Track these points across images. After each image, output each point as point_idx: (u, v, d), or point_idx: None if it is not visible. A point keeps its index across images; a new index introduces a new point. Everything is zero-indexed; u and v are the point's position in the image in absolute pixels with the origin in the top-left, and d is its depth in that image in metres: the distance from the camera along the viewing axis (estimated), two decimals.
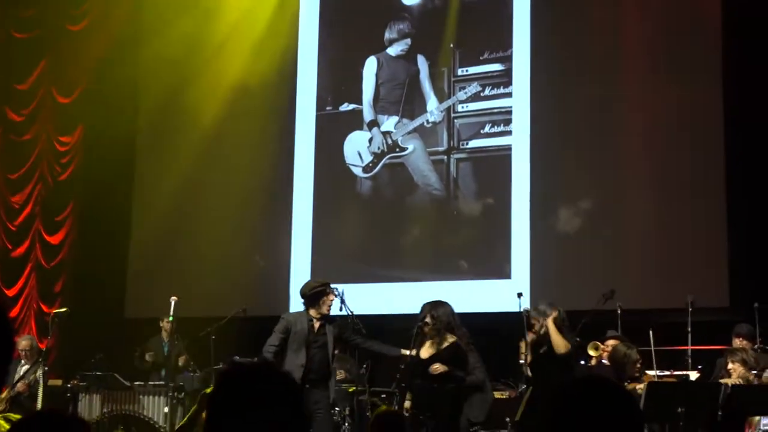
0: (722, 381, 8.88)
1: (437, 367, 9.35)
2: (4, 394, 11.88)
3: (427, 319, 9.51)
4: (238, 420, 2.35)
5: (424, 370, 9.43)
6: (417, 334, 9.62)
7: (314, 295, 9.75)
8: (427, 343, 9.56)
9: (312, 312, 9.73)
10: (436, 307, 9.66)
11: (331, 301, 9.80)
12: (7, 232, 15.29)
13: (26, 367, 12.16)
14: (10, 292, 15.02)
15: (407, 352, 9.62)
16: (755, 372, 8.92)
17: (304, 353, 9.54)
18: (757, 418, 8.56)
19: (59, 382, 12.40)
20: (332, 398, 9.76)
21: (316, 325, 9.70)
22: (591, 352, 10.46)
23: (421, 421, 9.22)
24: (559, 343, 9.18)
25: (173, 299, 11.62)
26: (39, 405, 11.23)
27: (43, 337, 13.78)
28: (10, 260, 15.19)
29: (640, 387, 8.77)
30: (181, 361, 12.54)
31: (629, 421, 2.27)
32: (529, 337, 9.47)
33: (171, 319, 11.69)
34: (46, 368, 11.82)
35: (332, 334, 9.69)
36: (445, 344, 9.49)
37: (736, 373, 8.90)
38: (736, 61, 12.11)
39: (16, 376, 12.10)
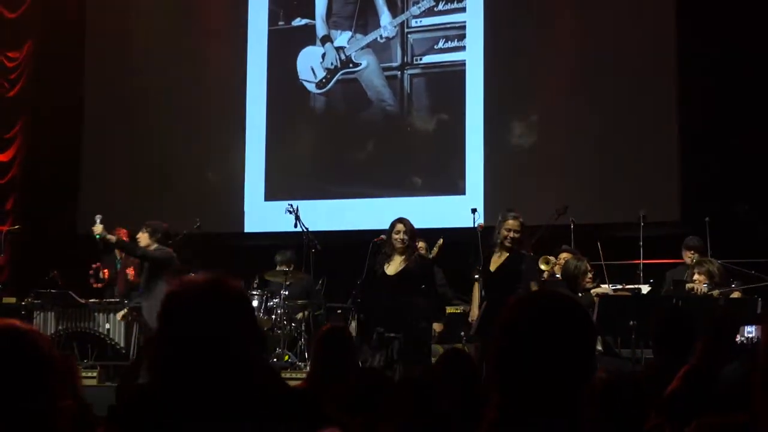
0: (688, 286, 8.93)
1: (439, 330, 9.59)
2: None
3: (403, 235, 9.50)
4: (189, 334, 2.33)
5: (393, 287, 9.44)
6: (381, 248, 9.65)
7: None
8: (395, 260, 9.54)
9: None
10: (406, 222, 9.67)
11: None
12: None
13: None
14: None
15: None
16: (720, 291, 8.92)
17: None
18: None
19: (13, 300, 12.34)
20: None
21: None
22: (542, 267, 10.55)
23: (388, 339, 9.22)
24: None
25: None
26: None
27: None
28: None
29: (596, 291, 8.91)
30: (129, 276, 12.47)
31: (582, 333, 2.30)
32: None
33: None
34: None
35: None
36: (412, 258, 9.54)
37: (700, 284, 8.92)
38: None
39: None
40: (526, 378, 2.24)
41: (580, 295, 8.92)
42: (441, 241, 10.81)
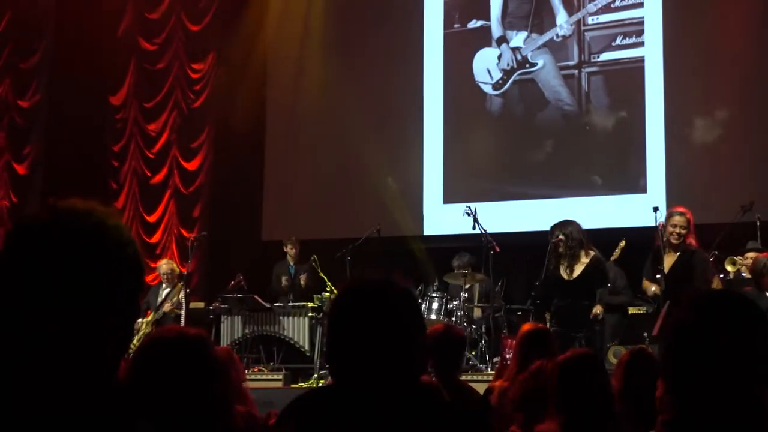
0: None
1: (598, 313, 9.47)
2: (149, 318, 12.27)
3: (561, 237, 9.51)
4: (357, 335, 2.37)
5: (568, 290, 9.46)
6: (550, 252, 9.63)
7: None
8: (565, 263, 9.56)
9: None
10: (565, 225, 9.69)
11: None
12: (146, 160, 15.62)
13: (168, 290, 12.50)
14: (151, 219, 15.39)
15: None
16: None
17: None
18: None
19: (202, 304, 12.74)
20: None
21: None
22: (728, 268, 10.28)
23: (572, 338, 9.25)
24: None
25: None
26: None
27: (184, 261, 14.12)
28: (149, 187, 15.54)
29: None
30: (302, 281, 12.78)
31: (757, 333, 2.24)
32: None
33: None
34: (187, 291, 12.13)
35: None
36: (585, 261, 9.51)
37: None
38: None
39: (159, 300, 12.48)
40: (698, 379, 2.19)
41: (767, 294, 8.65)
42: (623, 243, 10.60)
